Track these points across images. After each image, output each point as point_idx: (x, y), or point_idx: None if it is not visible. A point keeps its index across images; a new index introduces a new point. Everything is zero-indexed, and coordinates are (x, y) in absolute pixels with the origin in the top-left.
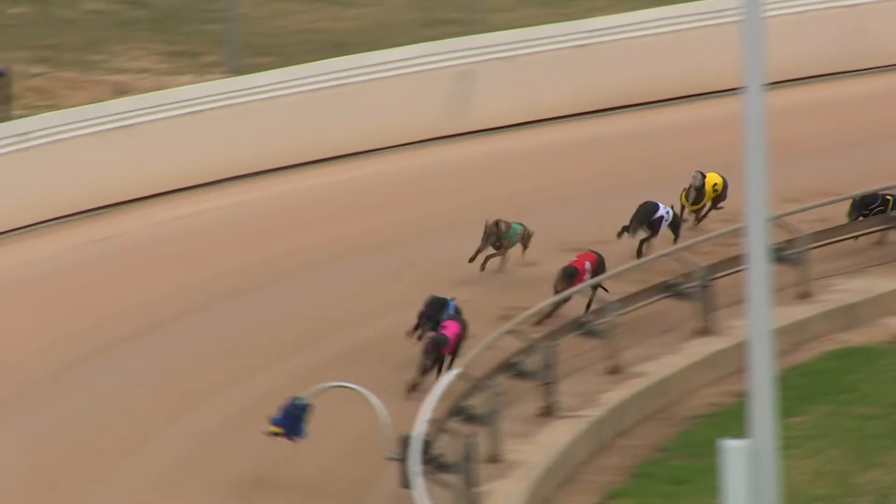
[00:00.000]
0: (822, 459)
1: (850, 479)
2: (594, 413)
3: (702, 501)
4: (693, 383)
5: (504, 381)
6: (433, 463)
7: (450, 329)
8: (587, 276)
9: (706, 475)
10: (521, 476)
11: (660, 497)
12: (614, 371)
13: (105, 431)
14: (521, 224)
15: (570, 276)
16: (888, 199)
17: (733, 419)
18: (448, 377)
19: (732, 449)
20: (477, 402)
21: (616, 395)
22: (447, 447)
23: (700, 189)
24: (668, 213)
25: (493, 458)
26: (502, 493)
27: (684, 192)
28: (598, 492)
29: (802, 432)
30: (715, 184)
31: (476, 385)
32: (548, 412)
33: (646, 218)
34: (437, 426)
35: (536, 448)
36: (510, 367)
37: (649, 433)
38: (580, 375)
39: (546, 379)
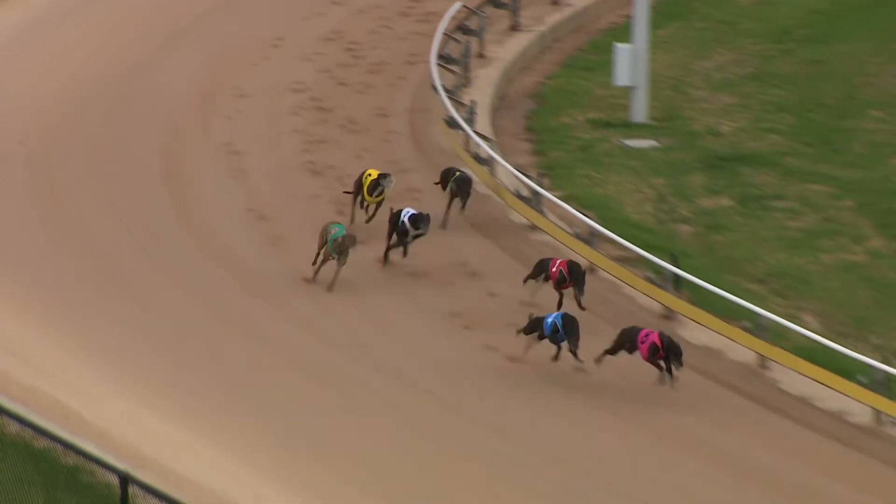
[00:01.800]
0: (674, 56)
1: (690, 66)
2: (541, 28)
3: (602, 80)
4: (602, 10)
5: (488, 10)
6: (443, 59)
7: None
8: None
9: (606, 66)
10: (497, 66)
11: (577, 77)
12: (555, 3)
13: None
14: None
15: None
16: None
17: (624, 32)
18: (452, 8)
19: (622, 49)
20: (471, 22)
21: (555, 17)
22: (452, 49)
23: None
24: None
25: (480, 55)
26: (485, 76)
27: None
28: (542, 74)
29: (664, 38)
30: None
31: (471, 11)
32: (514, 28)
33: None
34: (446, 36)
35: (506, 50)
36: (492, 1)
37: (573, 41)
38: (534, 6)
39: (513, 7)
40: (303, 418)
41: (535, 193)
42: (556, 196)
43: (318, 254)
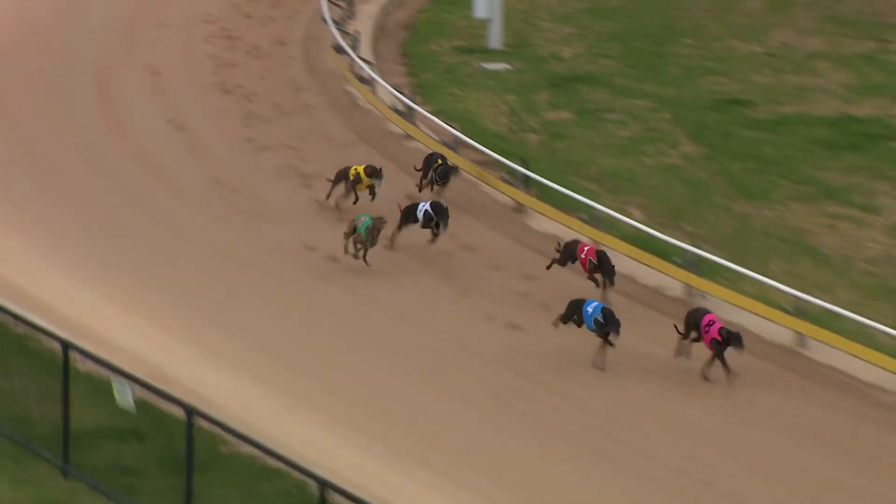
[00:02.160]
0: None
1: (537, 2)
2: None
3: (464, 14)
4: None
5: None
6: None
7: None
8: None
9: (467, 1)
10: (377, 2)
11: (443, 12)
12: None
13: None
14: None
15: None
16: None
17: None
18: None
19: None
20: None
21: None
22: None
23: None
24: None
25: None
26: (367, 10)
27: None
28: (414, 9)
29: None
30: None
31: None
32: None
33: None
34: None
35: None
36: None
37: None
38: None
39: None
40: (208, 292)
41: (409, 108)
42: (426, 110)
43: (346, 240)
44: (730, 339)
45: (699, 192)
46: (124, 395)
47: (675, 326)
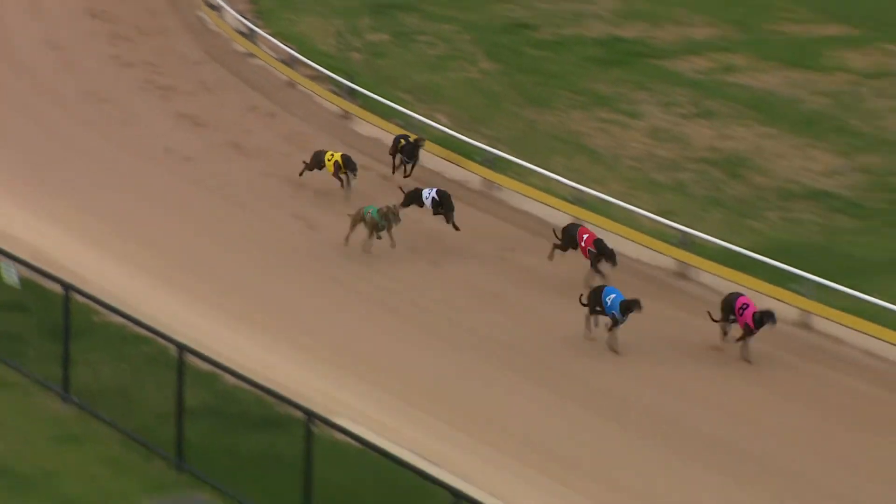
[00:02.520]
0: None
1: None
2: None
3: None
4: None
5: None
6: None
7: None
8: None
9: None
10: None
11: None
12: None
13: None
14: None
15: None
16: None
17: None
18: None
19: None
20: None
21: None
22: None
23: None
24: None
25: None
26: None
27: None
28: None
29: None
30: None
31: None
32: None
33: None
34: None
35: None
36: None
37: None
38: None
39: None
40: (80, 184)
41: (251, 31)
42: (266, 33)
43: (351, 228)
44: (763, 320)
45: (494, 101)
46: (10, 275)
47: (709, 314)
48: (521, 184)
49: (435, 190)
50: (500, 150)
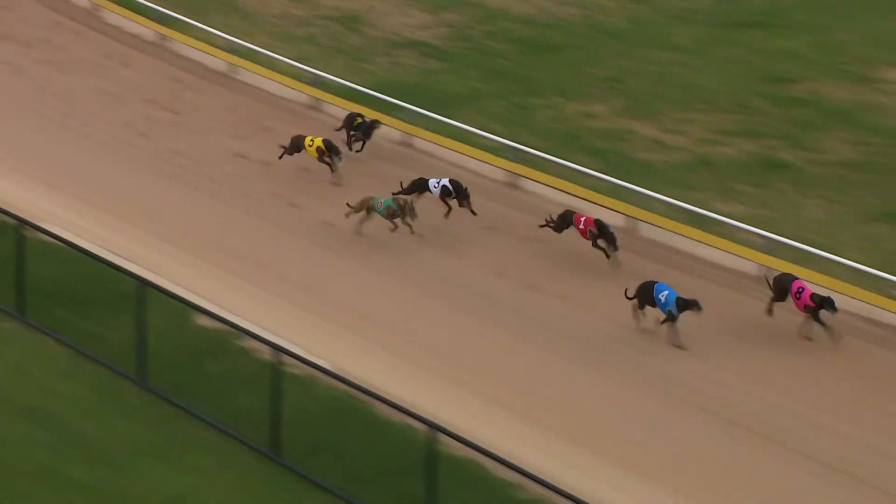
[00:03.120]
0: None
1: None
2: None
3: None
4: None
5: None
6: None
7: None
8: None
9: None
10: None
11: None
12: None
13: None
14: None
15: None
16: None
17: None
18: None
19: None
20: None
21: None
22: None
23: None
24: None
25: None
26: None
27: None
28: None
29: None
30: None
31: None
32: None
33: None
34: None
35: None
36: None
37: None
38: None
39: None
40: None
41: None
42: None
43: (352, 212)
44: (822, 303)
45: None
46: None
47: (768, 280)
48: (188, 37)
49: (447, 179)
50: (169, 10)
